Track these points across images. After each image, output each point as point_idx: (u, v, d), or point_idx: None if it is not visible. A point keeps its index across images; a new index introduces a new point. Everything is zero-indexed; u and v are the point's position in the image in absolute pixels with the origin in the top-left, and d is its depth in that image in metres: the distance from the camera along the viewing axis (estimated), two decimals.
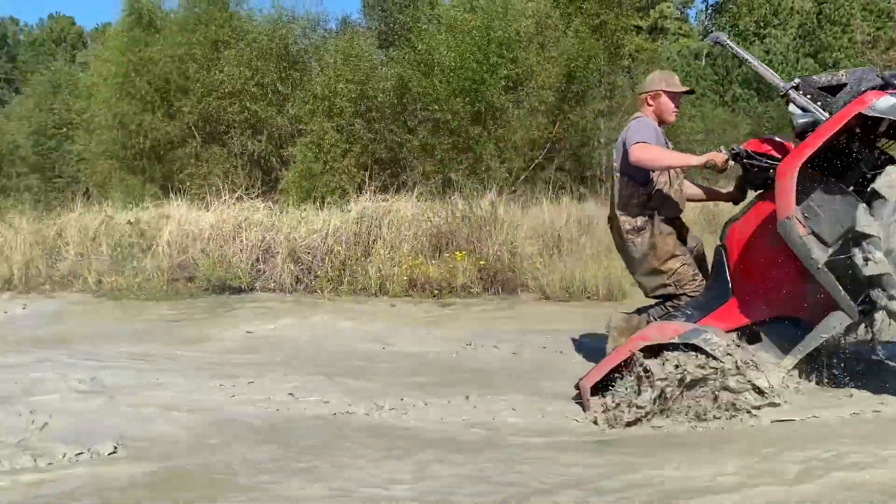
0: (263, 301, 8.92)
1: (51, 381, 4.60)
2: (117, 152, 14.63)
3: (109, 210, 11.49)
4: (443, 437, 3.48)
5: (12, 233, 11.20)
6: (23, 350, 5.96)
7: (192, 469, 3.10)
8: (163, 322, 7.56)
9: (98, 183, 15.06)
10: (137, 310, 8.51)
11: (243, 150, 14.20)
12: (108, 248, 10.58)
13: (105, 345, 6.11)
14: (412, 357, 5.46)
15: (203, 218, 10.66)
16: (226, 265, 9.68)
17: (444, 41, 13.37)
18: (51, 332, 7.18)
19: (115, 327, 7.24)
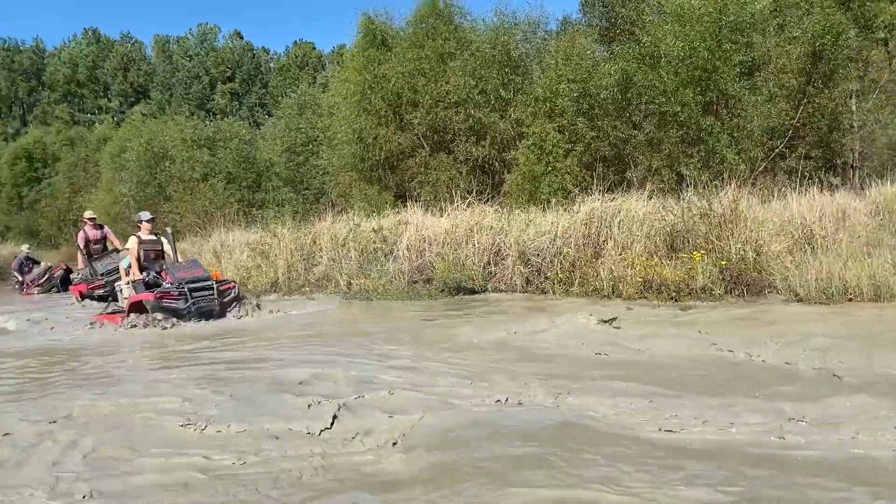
0: (498, 302, 9.20)
1: (332, 374, 5.12)
2: (356, 164, 15.87)
3: (356, 219, 12.49)
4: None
5: (276, 241, 12.62)
6: (314, 347, 6.65)
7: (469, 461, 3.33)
8: (420, 321, 7.98)
9: (341, 193, 16.46)
10: (386, 309, 9.14)
11: (468, 156, 14.73)
12: (356, 253, 11.56)
13: (382, 344, 6.54)
14: (688, 362, 5.22)
15: (438, 223, 11.24)
16: (460, 267, 10.14)
17: (670, 31, 12.86)
18: (326, 330, 7.89)
19: (380, 327, 7.78)
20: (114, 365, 6.46)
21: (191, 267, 9.31)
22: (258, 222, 16.57)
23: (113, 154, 25.69)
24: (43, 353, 7.44)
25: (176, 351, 6.97)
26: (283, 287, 11.95)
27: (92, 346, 7.57)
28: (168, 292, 8.74)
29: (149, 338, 7.86)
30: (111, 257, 13.47)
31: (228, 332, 7.78)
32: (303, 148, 20.32)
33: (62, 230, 31.20)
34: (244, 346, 6.76)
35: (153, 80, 55.17)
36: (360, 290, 10.91)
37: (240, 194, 20.61)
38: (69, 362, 6.69)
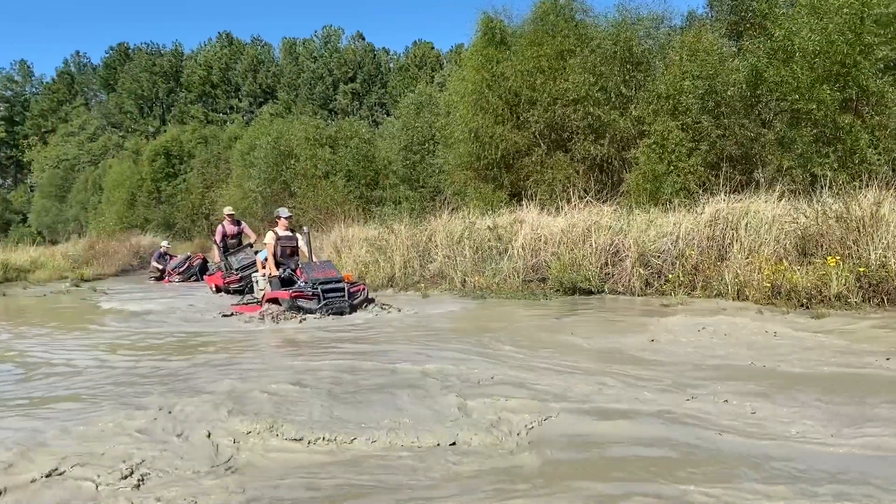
0: (617, 303, 9.02)
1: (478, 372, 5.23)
2: (472, 163, 15.97)
3: (471, 216, 12.60)
4: None
5: (393, 237, 12.93)
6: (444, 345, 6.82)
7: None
8: (540, 321, 7.98)
9: (456, 191, 16.64)
10: (503, 309, 9.14)
11: (586, 154, 14.52)
12: (471, 251, 11.66)
13: (503, 344, 6.61)
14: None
15: (554, 222, 11.15)
16: (576, 267, 10.02)
17: (806, 24, 12.15)
18: (447, 327, 8.04)
19: (500, 326, 7.84)
20: (245, 351, 6.86)
21: (324, 267, 9.63)
22: (376, 219, 17.04)
23: (242, 152, 27.18)
24: (183, 337, 8.00)
25: (303, 343, 7.31)
26: (398, 282, 12.23)
27: (226, 334, 8.06)
28: (302, 292, 9.08)
29: (281, 329, 8.24)
30: (245, 252, 14.28)
31: (356, 328, 8.01)
32: (419, 146, 20.71)
33: (195, 223, 33.33)
34: (369, 341, 6.96)
35: (280, 81, 57.78)
36: (474, 287, 11.00)
37: (359, 191, 21.29)
38: (206, 347, 7.16)
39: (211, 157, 33.59)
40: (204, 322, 9.34)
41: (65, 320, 10.03)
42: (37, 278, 18.91)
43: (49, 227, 50.02)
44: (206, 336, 7.92)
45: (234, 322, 9.03)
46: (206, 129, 40.52)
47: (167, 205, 35.57)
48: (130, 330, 8.79)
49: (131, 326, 9.16)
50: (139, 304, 12.45)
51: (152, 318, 9.96)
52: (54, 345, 7.74)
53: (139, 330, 8.73)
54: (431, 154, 19.86)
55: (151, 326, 9.03)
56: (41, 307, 12.63)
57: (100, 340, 7.94)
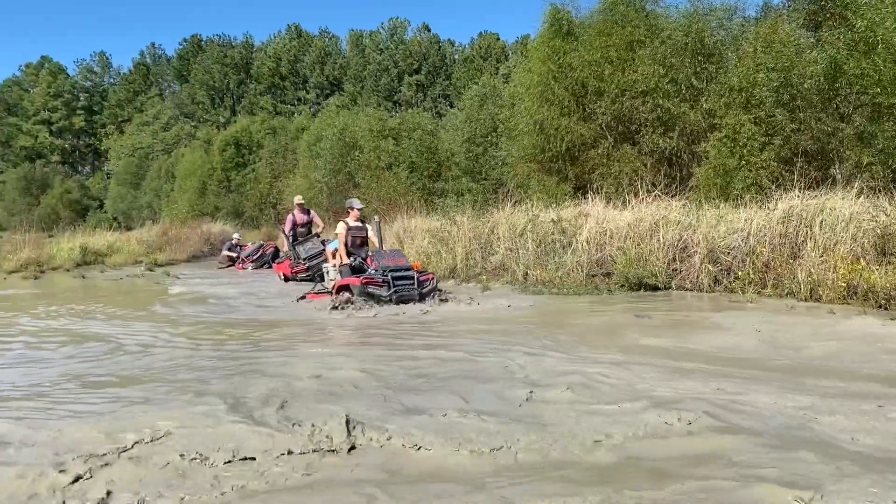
0: (685, 300, 8.86)
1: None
2: (536, 155, 15.85)
3: (534, 209, 12.53)
4: None
5: (455, 229, 12.97)
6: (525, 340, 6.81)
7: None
8: (608, 315, 7.91)
9: (519, 183, 16.55)
10: (568, 303, 9.09)
11: (655, 147, 14.24)
12: (533, 244, 11.61)
13: (576, 339, 6.59)
14: None
15: (620, 216, 11.00)
16: (642, 263, 9.86)
17: (890, 14, 11.59)
18: (514, 320, 8.03)
19: (569, 321, 7.79)
20: (317, 337, 7.01)
21: (394, 256, 9.76)
22: (438, 210, 17.11)
23: (309, 143, 27.69)
24: (258, 323, 8.22)
25: (374, 330, 7.42)
26: (460, 274, 12.27)
27: (301, 322, 8.25)
28: (373, 278, 9.21)
29: (353, 318, 8.36)
30: (312, 242, 14.54)
31: (423, 319, 8.06)
32: (482, 139, 20.67)
33: (263, 211, 34.14)
34: (438, 333, 6.98)
35: (346, 73, 58.57)
36: (536, 281, 10.95)
37: (421, 183, 21.41)
38: (282, 334, 7.35)
39: (279, 148, 34.32)
40: (276, 309, 9.60)
41: (140, 303, 10.43)
42: (113, 262, 19.74)
43: (124, 213, 52.11)
44: (281, 323, 8.12)
45: (306, 310, 9.22)
46: (275, 119, 41.41)
47: (236, 193, 36.53)
48: (207, 314, 9.10)
49: (207, 310, 9.47)
50: (212, 288, 12.88)
51: (226, 304, 10.29)
52: (133, 327, 8.06)
53: (215, 315, 9.02)
54: (494, 146, 19.80)
55: (226, 312, 9.33)
56: (118, 289, 13.17)
57: (176, 323, 8.23)
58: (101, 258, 20.15)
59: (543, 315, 8.09)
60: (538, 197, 14.18)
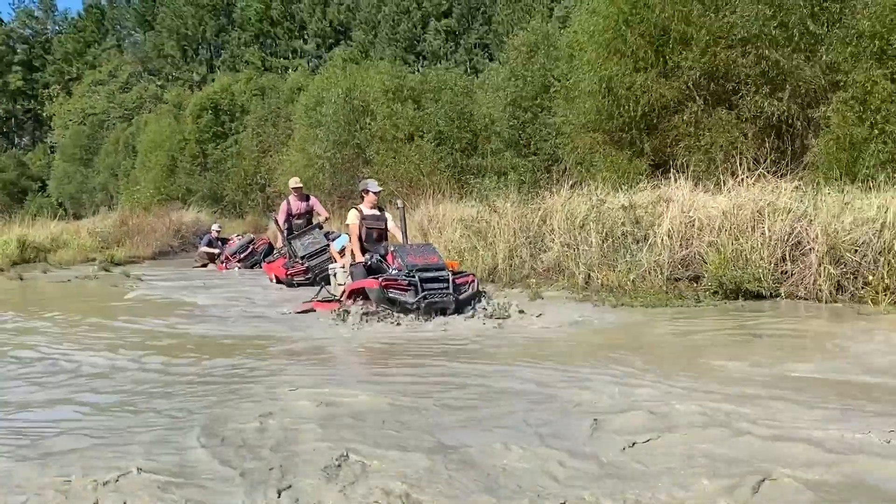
0: (797, 313, 8.78)
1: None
2: (602, 123, 15.76)
3: (599, 193, 12.46)
4: None
5: (496, 218, 12.97)
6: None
7: None
8: (707, 334, 7.84)
9: (579, 160, 16.48)
10: (648, 317, 9.03)
11: (758, 112, 14.06)
12: (598, 238, 11.54)
13: (668, 367, 6.47)
14: None
15: (712, 202, 10.90)
16: (741, 263, 9.77)
17: None
18: (580, 340, 8.03)
19: (655, 341, 7.75)
20: (322, 360, 7.05)
21: (424, 252, 9.69)
22: (474, 194, 17.08)
23: (307, 107, 27.86)
24: (242, 339, 8.30)
25: (397, 350, 7.43)
26: (502, 276, 12.27)
27: (299, 337, 8.30)
28: (395, 280, 9.08)
29: (369, 334, 8.34)
30: (312, 235, 14.56)
31: (464, 336, 8.04)
32: (532, 101, 20.60)
33: (248, 195, 34.53)
34: (485, 356, 6.95)
35: (355, 17, 58.74)
36: (601, 285, 10.88)
37: (451, 158, 21.43)
38: (272, 353, 7.41)
39: (268, 114, 34.65)
40: (269, 322, 9.64)
41: (92, 312, 10.60)
42: (59, 260, 20.10)
43: (72, 197, 53.11)
44: (275, 340, 8.16)
45: (308, 322, 9.25)
46: (264, 77, 41.80)
47: (214, 172, 37.00)
48: (178, 328, 9.19)
49: (179, 323, 9.58)
50: (185, 293, 13.04)
51: (203, 315, 10.41)
52: (82, 343, 8.19)
53: (188, 328, 9.11)
54: (547, 111, 19.73)
55: (203, 325, 9.42)
56: (64, 294, 13.40)
57: (136, 341, 8.34)
58: (44, 254, 20.51)
59: (623, 331, 8.03)
60: (604, 177, 14.11)
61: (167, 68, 62.85)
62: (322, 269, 13.20)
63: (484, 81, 26.78)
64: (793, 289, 9.58)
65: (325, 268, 12.93)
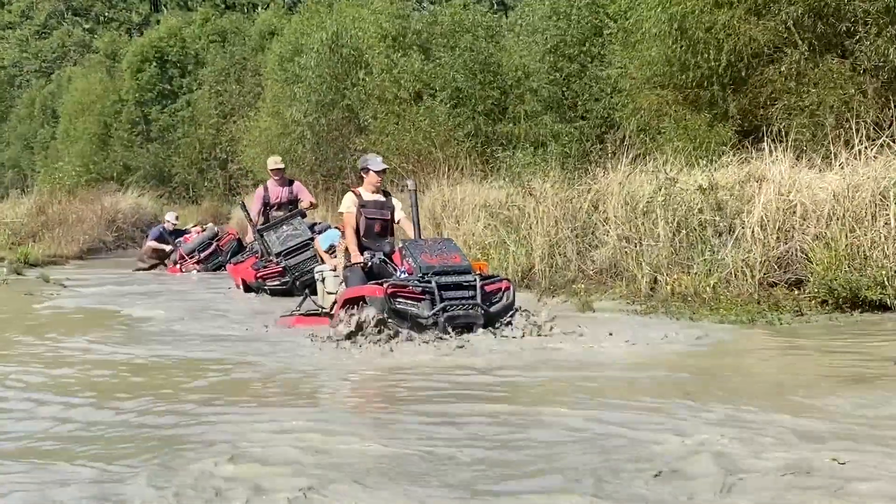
0: None
1: None
2: (672, 76, 15.66)
3: (668, 169, 12.40)
4: None
5: (532, 203, 12.93)
6: None
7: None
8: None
9: (642, 125, 16.38)
10: (742, 339, 8.93)
11: (881, 61, 13.96)
12: (667, 229, 11.49)
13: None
14: None
15: (819, 182, 10.84)
16: (859, 263, 9.70)
17: None
18: (650, 375, 7.96)
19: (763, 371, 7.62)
20: (307, 392, 7.02)
21: (442, 249, 9.45)
22: (501, 171, 17.03)
23: (283, 58, 27.87)
24: (201, 365, 8.29)
25: (407, 381, 7.33)
26: (540, 281, 12.26)
27: (277, 363, 8.25)
28: (405, 286, 8.94)
29: (367, 360, 8.16)
30: (292, 225, 14.39)
31: (496, 363, 7.88)
32: (578, 49, 20.53)
33: (204, 174, 34.58)
34: (527, 390, 6.84)
35: None
36: (671, 292, 10.83)
37: (473, 124, 21.37)
38: (240, 382, 7.38)
39: (231, 67, 34.67)
40: (236, 341, 9.55)
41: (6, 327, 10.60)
42: None
43: None
44: (245, 366, 8.08)
45: (288, 341, 9.16)
46: (225, 18, 41.83)
47: (160, 144, 37.06)
48: (113, 350, 9.12)
49: (115, 342, 9.52)
50: (124, 303, 13.04)
51: (148, 331, 10.37)
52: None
53: (128, 351, 9.05)
54: (598, 62, 19.67)
55: (148, 345, 9.36)
56: None
57: (58, 365, 8.32)
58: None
59: (714, 359, 7.87)
60: (675, 148, 14.10)
61: (98, 6, 63.04)
62: (303, 270, 13.15)
63: (516, 22, 26.66)
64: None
65: (307, 269, 12.88)
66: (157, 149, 37.03)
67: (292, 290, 13.05)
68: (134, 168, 37.19)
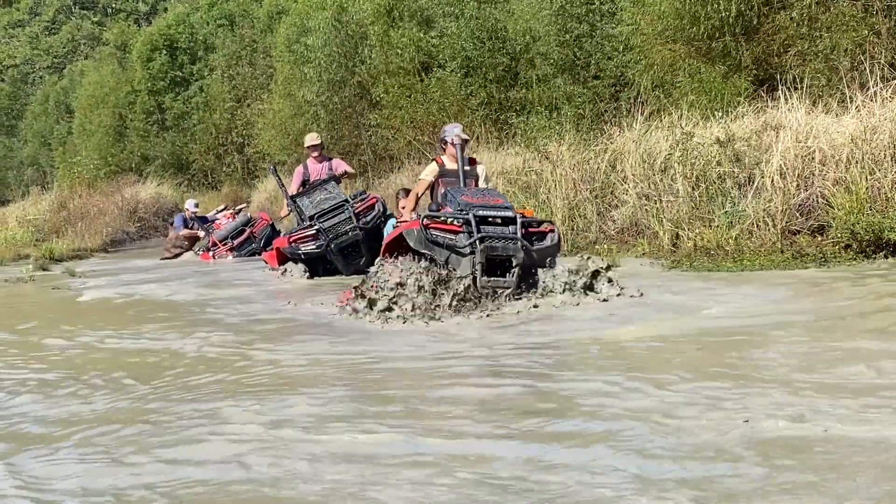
0: None
1: None
2: (684, 28, 15.52)
3: (684, 123, 12.36)
4: None
5: (549, 167, 12.91)
6: None
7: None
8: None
9: (656, 81, 16.28)
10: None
11: (892, 0, 13.84)
12: (686, 184, 11.47)
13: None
14: None
15: (836, 126, 10.78)
16: (881, 205, 9.66)
17: None
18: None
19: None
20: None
21: (484, 193, 9.31)
22: (517, 137, 16.96)
23: (290, 39, 27.80)
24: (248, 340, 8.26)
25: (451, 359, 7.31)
26: (562, 244, 12.20)
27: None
28: (440, 221, 8.73)
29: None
30: (326, 190, 13.82)
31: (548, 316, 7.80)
32: (588, 7, 20.40)
33: (221, 159, 34.61)
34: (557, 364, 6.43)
35: None
36: (695, 247, 10.81)
37: (485, 93, 21.28)
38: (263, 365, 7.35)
39: (242, 49, 34.58)
40: (284, 321, 9.28)
41: (25, 325, 10.61)
42: None
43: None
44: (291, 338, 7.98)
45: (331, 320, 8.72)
46: (231, 2, 41.70)
47: (176, 132, 37.09)
48: (160, 341, 9.03)
49: (147, 333, 9.48)
50: (152, 289, 13.01)
51: (182, 316, 10.27)
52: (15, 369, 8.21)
53: (169, 343, 8.98)
54: (609, 20, 19.54)
55: (184, 331, 9.30)
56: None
57: (87, 362, 8.32)
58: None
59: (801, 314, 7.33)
60: (691, 102, 14.05)
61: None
62: (338, 232, 12.85)
63: None
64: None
65: (342, 231, 12.69)
66: (173, 137, 37.04)
67: (326, 255, 12.78)
68: (152, 157, 37.24)
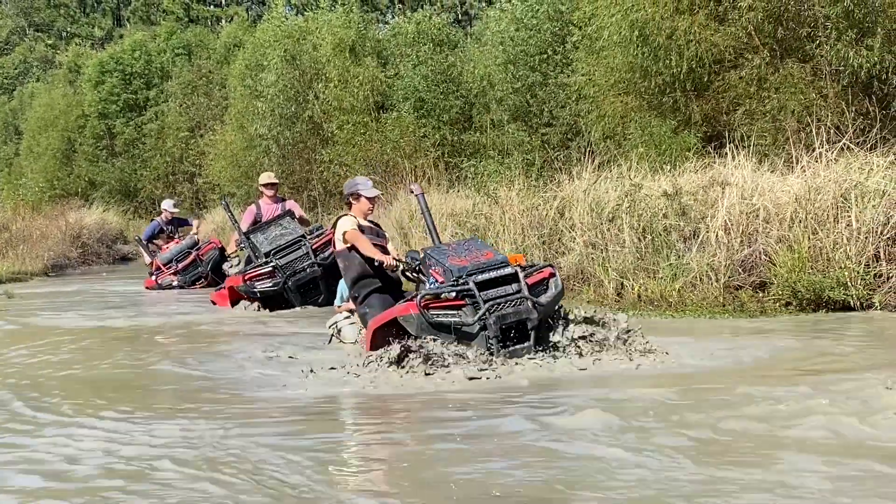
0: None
1: None
2: (636, 83, 15.72)
3: (633, 175, 12.48)
4: None
5: (499, 212, 12.98)
6: None
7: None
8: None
9: (607, 132, 16.43)
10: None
11: (841, 66, 14.07)
12: (633, 235, 11.57)
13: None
14: None
15: (781, 185, 10.93)
16: (822, 264, 9.79)
17: None
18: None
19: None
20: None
21: (469, 248, 8.30)
22: (468, 180, 17.02)
23: (244, 73, 27.76)
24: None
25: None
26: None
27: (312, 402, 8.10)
28: (438, 295, 7.80)
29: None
30: (281, 225, 13.18)
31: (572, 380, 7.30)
32: (541, 57, 20.59)
33: (173, 188, 34.34)
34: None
35: None
36: (638, 298, 10.89)
37: (438, 135, 21.38)
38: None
39: (198, 80, 34.46)
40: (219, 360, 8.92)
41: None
42: None
43: None
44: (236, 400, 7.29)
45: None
46: (189, 31, 41.60)
47: (126, 158, 36.78)
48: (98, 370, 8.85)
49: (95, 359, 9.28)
50: (99, 317, 12.82)
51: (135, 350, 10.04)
52: None
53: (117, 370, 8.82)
54: (563, 70, 19.73)
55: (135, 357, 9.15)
56: None
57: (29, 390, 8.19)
58: None
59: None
60: (640, 154, 14.17)
61: (60, 22, 62.66)
62: (296, 269, 12.57)
63: (480, 32, 26.73)
64: (891, 297, 9.60)
65: (299, 268, 12.51)
66: (122, 163, 36.78)
67: (283, 293, 12.47)
68: (99, 183, 36.91)
